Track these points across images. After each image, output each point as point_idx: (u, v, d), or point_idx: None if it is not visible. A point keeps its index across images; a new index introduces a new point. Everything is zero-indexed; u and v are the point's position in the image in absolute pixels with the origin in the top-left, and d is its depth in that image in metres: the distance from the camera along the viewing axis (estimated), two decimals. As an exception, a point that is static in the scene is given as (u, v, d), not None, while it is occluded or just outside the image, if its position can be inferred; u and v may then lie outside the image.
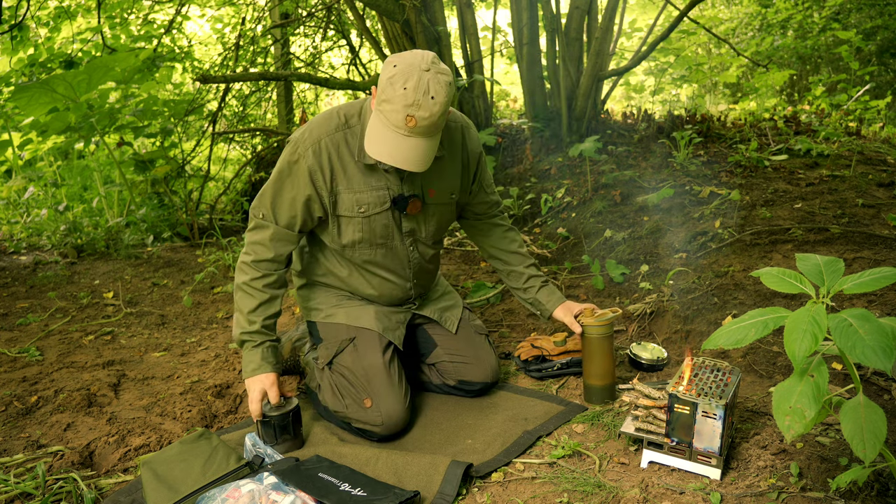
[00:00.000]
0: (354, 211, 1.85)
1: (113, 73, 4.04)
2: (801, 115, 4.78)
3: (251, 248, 1.90)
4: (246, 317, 1.89)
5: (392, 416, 1.88)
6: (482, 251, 2.25)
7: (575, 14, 4.11)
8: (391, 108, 1.61)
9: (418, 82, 1.58)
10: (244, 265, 1.91)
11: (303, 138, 1.80)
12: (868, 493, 1.43)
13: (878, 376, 1.87)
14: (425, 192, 1.92)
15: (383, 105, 1.62)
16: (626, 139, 4.17)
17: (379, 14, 4.35)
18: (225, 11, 6.99)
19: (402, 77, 1.59)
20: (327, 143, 1.79)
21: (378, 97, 1.64)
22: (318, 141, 1.79)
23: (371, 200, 1.85)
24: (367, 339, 1.96)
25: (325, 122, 1.82)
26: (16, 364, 2.51)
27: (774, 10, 7.13)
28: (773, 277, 1.40)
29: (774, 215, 2.91)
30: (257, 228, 1.90)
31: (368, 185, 1.84)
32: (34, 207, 4.83)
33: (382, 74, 1.63)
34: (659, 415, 1.64)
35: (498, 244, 2.18)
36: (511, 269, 2.17)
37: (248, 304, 1.89)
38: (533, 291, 2.15)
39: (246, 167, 5.31)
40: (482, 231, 2.19)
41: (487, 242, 2.19)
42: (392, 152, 1.64)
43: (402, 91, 1.58)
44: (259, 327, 1.89)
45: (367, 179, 1.84)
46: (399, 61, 1.62)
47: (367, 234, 1.89)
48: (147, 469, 1.60)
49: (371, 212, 1.86)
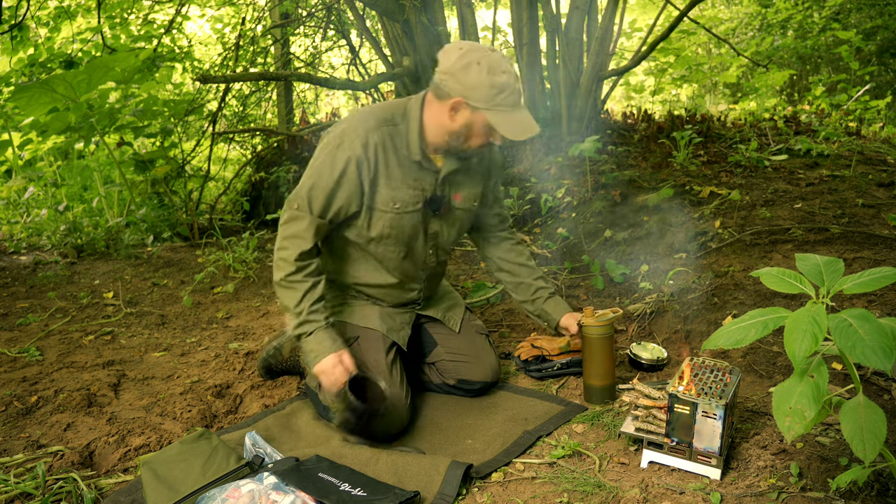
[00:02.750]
0: (389, 206, 1.87)
1: (113, 73, 4.04)
2: (801, 115, 4.78)
3: (287, 242, 1.87)
4: (294, 311, 1.86)
5: (393, 416, 1.88)
6: (490, 264, 2.26)
7: (575, 14, 4.11)
8: (508, 94, 1.73)
9: (505, 62, 1.75)
10: (281, 261, 1.87)
11: (350, 130, 1.82)
12: (868, 493, 1.43)
13: (878, 376, 1.87)
14: (451, 197, 1.97)
15: (500, 97, 1.73)
16: (626, 139, 4.17)
17: (379, 14, 4.35)
18: (225, 11, 6.99)
19: (496, 65, 1.72)
20: (375, 137, 1.82)
21: (485, 97, 1.72)
22: (366, 134, 1.82)
23: (406, 198, 1.88)
24: (370, 339, 1.97)
25: (370, 117, 1.85)
26: (16, 364, 2.51)
27: (774, 10, 7.12)
28: (773, 277, 1.40)
29: (774, 215, 2.91)
30: (292, 221, 1.87)
31: (406, 184, 1.88)
32: (34, 207, 4.83)
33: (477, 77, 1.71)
34: (659, 415, 1.64)
35: (507, 256, 2.20)
36: (520, 280, 2.19)
37: (293, 298, 1.86)
38: (540, 302, 2.16)
39: (246, 167, 5.31)
40: (492, 244, 2.22)
41: (497, 255, 2.21)
42: (526, 127, 1.77)
43: (505, 77, 1.72)
44: (306, 316, 1.86)
45: (405, 178, 1.88)
46: (478, 57, 1.72)
47: (395, 230, 1.91)
48: (147, 469, 1.60)
49: (404, 209, 1.89)
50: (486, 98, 1.73)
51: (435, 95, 1.82)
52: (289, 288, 1.86)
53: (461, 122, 1.79)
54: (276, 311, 3.08)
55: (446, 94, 1.76)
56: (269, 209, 5.02)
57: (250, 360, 2.49)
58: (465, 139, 1.83)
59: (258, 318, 3.03)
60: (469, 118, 1.77)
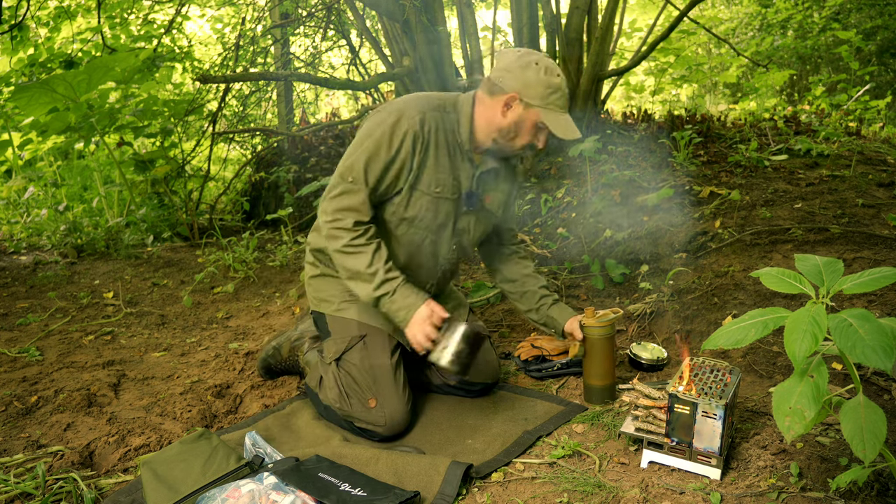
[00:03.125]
0: (430, 189, 1.89)
1: (113, 73, 4.04)
2: (801, 115, 4.78)
3: (340, 214, 1.83)
4: (367, 273, 1.83)
5: (395, 417, 1.88)
6: (496, 276, 2.28)
7: (575, 14, 4.11)
8: (559, 96, 1.82)
9: (558, 69, 1.84)
10: (338, 230, 1.83)
11: (408, 108, 1.83)
12: (868, 493, 1.43)
13: (878, 376, 1.87)
14: (484, 197, 2.01)
15: (553, 97, 1.81)
16: (626, 139, 4.17)
17: (379, 14, 4.35)
18: (225, 11, 6.99)
19: (552, 68, 1.81)
20: (430, 117, 1.85)
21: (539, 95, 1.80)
22: (423, 112, 1.84)
23: (448, 184, 1.91)
24: (377, 339, 1.97)
25: (426, 100, 1.89)
26: (16, 364, 2.51)
27: (774, 10, 7.13)
28: (772, 277, 1.40)
29: (774, 215, 2.91)
30: (346, 194, 1.83)
31: (448, 170, 1.91)
32: (34, 207, 4.83)
33: (535, 76, 1.80)
34: (659, 415, 1.64)
35: (513, 268, 2.23)
36: (525, 290, 2.20)
37: (362, 261, 1.83)
38: (545, 309, 2.18)
39: (246, 167, 5.31)
40: (502, 256, 2.24)
41: (504, 268, 2.24)
42: (572, 129, 1.83)
43: (559, 80, 1.82)
44: (384, 276, 1.84)
45: (450, 164, 1.91)
46: (536, 58, 1.81)
47: (430, 213, 1.92)
48: (147, 469, 1.60)
49: (443, 195, 1.91)
50: (540, 96, 1.80)
51: (488, 92, 1.86)
52: (354, 252, 1.83)
53: (512, 118, 1.84)
54: (276, 311, 3.08)
55: (501, 89, 1.82)
56: (269, 209, 5.02)
57: (250, 360, 2.49)
58: (512, 136, 1.87)
59: (258, 318, 3.03)
60: (521, 114, 1.83)
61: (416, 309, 1.84)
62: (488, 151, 1.92)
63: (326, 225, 1.86)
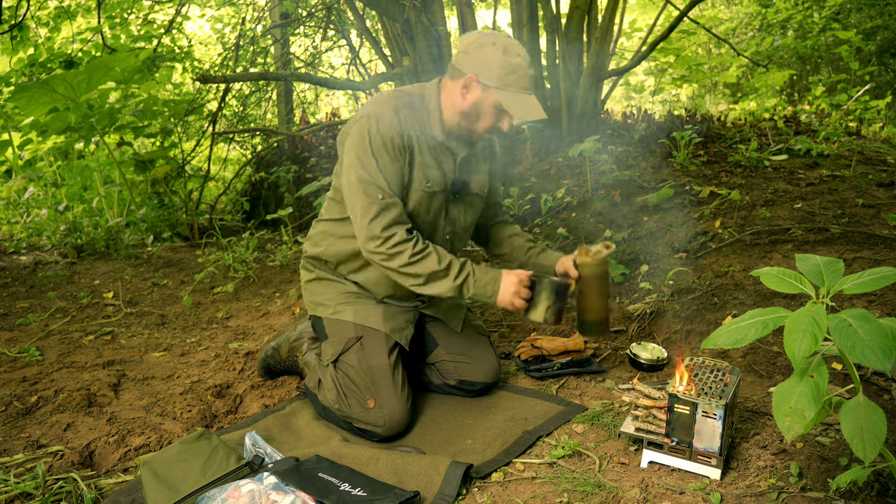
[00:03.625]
0: (422, 185, 1.90)
1: (113, 73, 4.04)
2: (801, 115, 4.78)
3: (389, 231, 1.81)
4: (441, 271, 1.84)
5: (394, 417, 1.88)
6: (486, 248, 2.29)
7: (575, 14, 4.11)
8: (519, 76, 1.78)
9: (521, 48, 1.80)
10: (394, 248, 1.82)
11: (381, 113, 1.83)
12: (868, 493, 1.43)
13: (878, 376, 1.87)
14: (468, 182, 2.01)
15: (511, 77, 1.77)
16: (626, 139, 4.17)
17: (379, 14, 4.35)
18: (225, 11, 6.99)
19: (511, 48, 1.77)
20: (403, 116, 1.86)
21: (497, 76, 1.77)
22: (395, 113, 1.84)
23: (436, 178, 1.92)
24: (373, 340, 1.96)
25: (392, 99, 1.88)
26: (16, 364, 2.51)
27: (774, 10, 7.12)
28: (773, 277, 1.40)
29: (774, 215, 2.91)
30: (385, 210, 1.82)
31: (434, 164, 1.91)
32: (34, 207, 4.83)
33: (492, 56, 1.76)
34: (659, 415, 1.64)
35: (500, 234, 2.24)
36: (512, 247, 2.20)
37: (432, 262, 1.83)
38: (534, 258, 2.16)
39: (246, 167, 5.31)
40: (493, 231, 2.25)
41: (492, 237, 2.25)
42: (534, 110, 1.79)
43: (519, 60, 1.78)
44: (458, 265, 1.85)
45: (433, 157, 1.91)
46: (495, 39, 1.78)
47: (423, 208, 1.93)
48: (147, 469, 1.60)
49: (433, 188, 1.92)
50: (498, 77, 1.77)
51: (450, 76, 1.87)
52: (422, 258, 1.83)
53: (471, 101, 1.82)
54: (276, 311, 3.08)
55: (460, 72, 1.82)
56: (269, 209, 5.03)
57: (250, 360, 2.49)
58: (474, 119, 1.86)
59: (258, 318, 3.03)
60: (479, 97, 1.81)
61: (500, 279, 1.86)
62: (458, 137, 1.93)
63: (380, 247, 1.83)
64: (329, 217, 2.07)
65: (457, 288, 1.85)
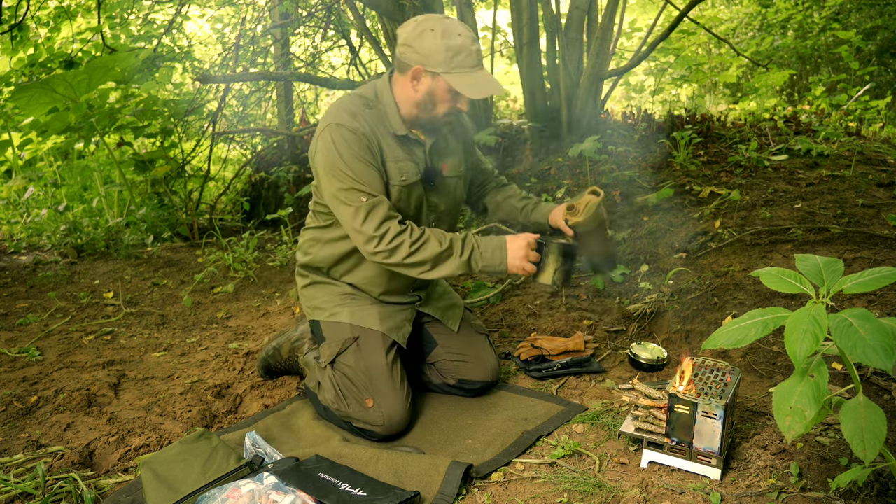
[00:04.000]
0: (397, 179, 1.90)
1: (113, 73, 4.04)
2: (801, 115, 4.78)
3: (381, 228, 1.81)
4: (445, 252, 1.83)
5: (393, 416, 1.88)
6: (491, 218, 2.32)
7: (575, 14, 4.11)
8: (465, 55, 1.78)
9: (460, 26, 1.79)
10: (391, 243, 1.81)
11: (339, 120, 1.83)
12: (868, 493, 1.43)
13: (878, 376, 1.87)
14: (441, 168, 2.01)
15: (457, 58, 1.77)
16: (626, 139, 4.17)
17: (379, 14, 4.35)
18: (225, 11, 6.99)
19: (450, 30, 1.77)
20: (363, 117, 1.86)
21: (442, 61, 1.77)
22: (356, 116, 1.85)
23: (409, 169, 1.92)
24: (370, 339, 1.97)
25: (348, 104, 1.88)
26: (16, 364, 2.51)
27: (774, 10, 7.12)
28: (773, 277, 1.40)
29: (774, 215, 2.91)
30: (374, 209, 1.82)
31: (404, 156, 1.92)
32: (34, 207, 4.83)
33: (432, 42, 1.76)
34: (659, 415, 1.64)
35: (496, 198, 2.24)
36: (510, 208, 2.20)
37: (434, 246, 1.83)
38: (528, 214, 2.16)
39: (246, 167, 5.31)
40: (488, 202, 2.26)
41: (489, 202, 2.26)
42: (487, 86, 1.80)
43: (460, 39, 1.77)
44: (460, 241, 1.85)
45: (402, 151, 1.92)
46: (432, 24, 1.78)
47: (404, 201, 1.93)
48: (147, 469, 1.60)
49: (409, 180, 1.92)
50: (442, 62, 1.77)
51: (398, 71, 1.87)
52: (422, 245, 1.83)
53: (423, 91, 1.83)
54: (276, 311, 3.08)
55: (406, 65, 1.82)
56: (269, 209, 5.02)
57: (250, 360, 2.49)
58: (431, 107, 1.86)
59: (258, 318, 3.03)
60: (430, 85, 1.82)
61: (505, 246, 1.85)
62: (421, 126, 1.94)
63: (378, 247, 1.82)
64: (314, 225, 2.09)
65: (465, 264, 1.85)
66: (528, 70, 4.25)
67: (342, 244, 2.01)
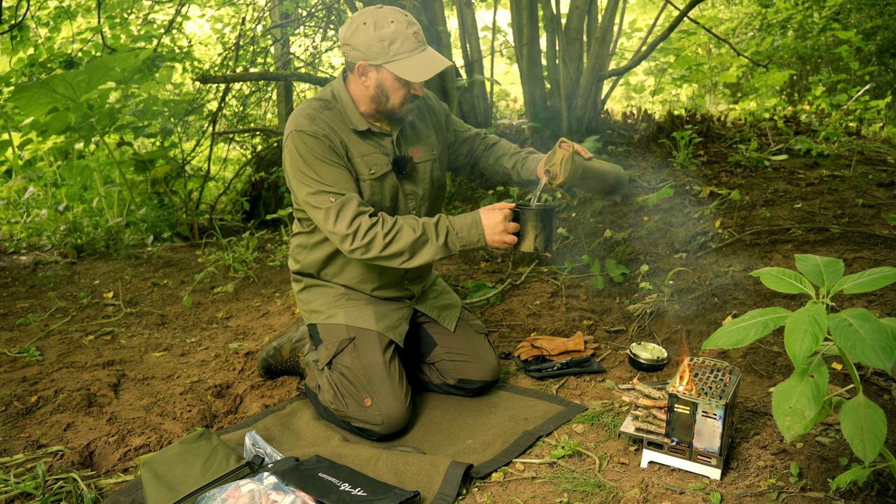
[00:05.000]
0: (367, 174, 1.92)
1: (113, 73, 4.04)
2: (801, 115, 4.78)
3: (353, 224, 1.81)
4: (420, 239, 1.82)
5: (392, 415, 1.88)
6: (488, 179, 2.31)
7: (575, 14, 4.11)
8: (402, 41, 1.78)
9: (392, 13, 1.80)
10: (364, 238, 1.80)
11: (298, 126, 1.86)
12: (868, 493, 1.43)
13: (878, 376, 1.87)
14: (411, 154, 2.02)
15: (393, 46, 1.78)
16: (626, 139, 4.17)
17: (379, 14, 4.34)
18: (225, 11, 6.99)
19: (381, 19, 1.78)
20: (322, 119, 1.88)
21: (379, 52, 1.78)
22: (314, 119, 1.87)
23: (377, 162, 1.94)
24: (366, 339, 1.97)
25: (306, 109, 1.91)
26: (16, 364, 2.51)
27: (774, 10, 7.12)
28: (773, 277, 1.40)
29: (774, 215, 2.91)
30: (344, 207, 1.82)
31: (370, 149, 1.94)
32: (34, 207, 4.83)
33: (366, 36, 1.78)
34: (659, 415, 1.64)
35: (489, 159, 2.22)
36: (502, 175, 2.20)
37: (408, 234, 1.82)
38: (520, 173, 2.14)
39: (246, 167, 5.31)
40: (483, 167, 2.25)
41: (488, 172, 2.25)
42: (430, 66, 1.80)
43: (393, 26, 1.78)
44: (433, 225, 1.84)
45: (368, 145, 1.93)
46: (364, 18, 1.80)
47: (378, 195, 1.95)
48: (147, 469, 1.60)
49: (379, 172, 1.93)
50: (380, 53, 1.79)
51: (349, 69, 1.90)
52: (396, 235, 1.83)
53: (373, 84, 1.86)
54: (276, 311, 3.08)
55: (352, 63, 1.85)
56: (269, 209, 5.02)
57: (250, 360, 2.49)
58: (385, 99, 1.88)
59: (258, 318, 3.03)
60: (377, 78, 1.84)
61: (480, 221, 1.84)
62: (385, 118, 1.95)
63: (354, 244, 1.82)
64: (299, 231, 2.11)
65: (443, 247, 1.85)
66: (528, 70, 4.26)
67: (327, 247, 2.03)
